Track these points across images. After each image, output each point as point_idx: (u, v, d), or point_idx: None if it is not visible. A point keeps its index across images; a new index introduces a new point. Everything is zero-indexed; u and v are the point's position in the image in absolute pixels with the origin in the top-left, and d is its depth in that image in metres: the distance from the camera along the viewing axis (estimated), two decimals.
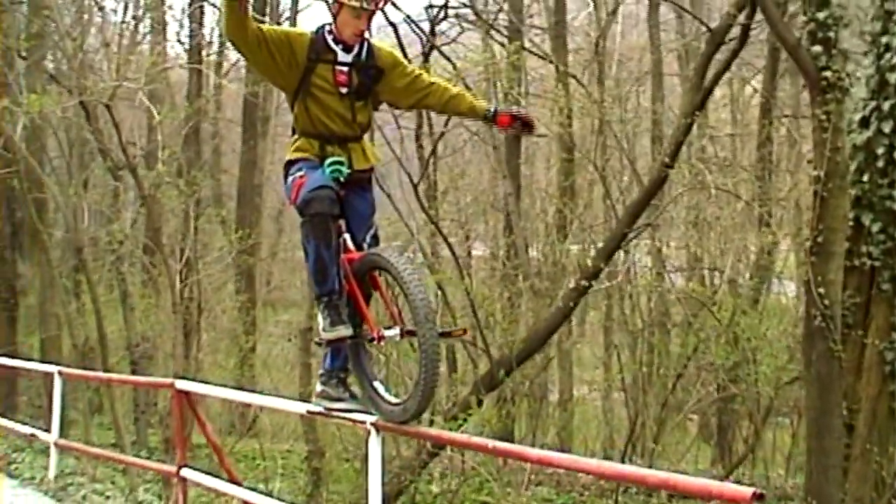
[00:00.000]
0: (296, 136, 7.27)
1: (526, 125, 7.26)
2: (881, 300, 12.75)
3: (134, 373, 21.47)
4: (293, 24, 27.79)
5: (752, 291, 21.75)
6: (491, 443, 6.90)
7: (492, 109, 7.24)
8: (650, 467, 20.56)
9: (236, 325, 25.11)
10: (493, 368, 16.76)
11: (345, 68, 7.08)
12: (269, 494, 9.83)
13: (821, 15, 12.87)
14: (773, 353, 18.96)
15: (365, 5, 6.91)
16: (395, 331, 7.01)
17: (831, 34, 12.84)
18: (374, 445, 7.49)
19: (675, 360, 21.04)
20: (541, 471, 19.45)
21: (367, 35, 7.18)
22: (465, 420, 15.57)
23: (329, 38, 7.07)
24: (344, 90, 7.09)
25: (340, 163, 6.94)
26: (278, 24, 24.34)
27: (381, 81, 7.20)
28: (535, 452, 6.67)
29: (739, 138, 28.08)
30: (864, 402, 12.83)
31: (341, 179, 6.94)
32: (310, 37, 7.06)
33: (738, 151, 27.41)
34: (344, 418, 7.78)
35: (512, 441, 22.11)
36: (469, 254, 27.59)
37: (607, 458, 21.27)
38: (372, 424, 7.41)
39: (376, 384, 7.20)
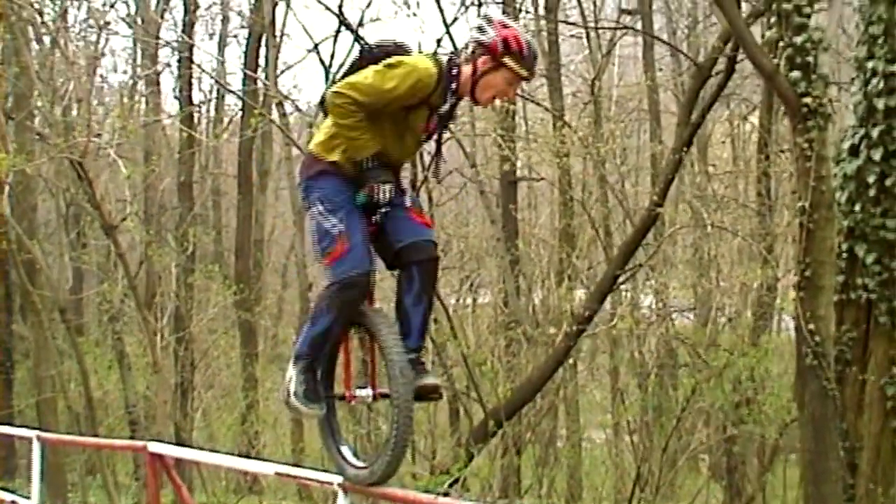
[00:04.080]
0: (335, 129, 6.35)
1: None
2: (879, 334, 12.43)
3: (133, 433, 21.34)
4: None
5: (752, 330, 21.44)
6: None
7: None
8: None
9: (238, 381, 24.98)
10: (486, 420, 16.47)
11: (436, 117, 6.38)
12: None
13: (798, 39, 12.49)
14: (775, 392, 18.69)
15: (528, 75, 6.29)
16: (368, 391, 6.64)
17: (810, 59, 12.48)
18: None
19: (675, 402, 20.77)
20: None
21: None
22: (449, 474, 15.22)
23: (451, 85, 6.27)
24: (424, 137, 6.48)
25: (388, 186, 6.27)
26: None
27: None
28: None
29: (741, 175, 27.90)
30: (866, 439, 12.49)
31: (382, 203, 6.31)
32: (435, 77, 6.17)
33: (740, 188, 27.26)
34: (312, 480, 7.55)
35: (519, 492, 21.86)
36: (474, 301, 27.52)
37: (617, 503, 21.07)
38: (339, 485, 7.13)
39: (343, 448, 6.83)
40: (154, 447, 9.75)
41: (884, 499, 12.25)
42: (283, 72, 30.69)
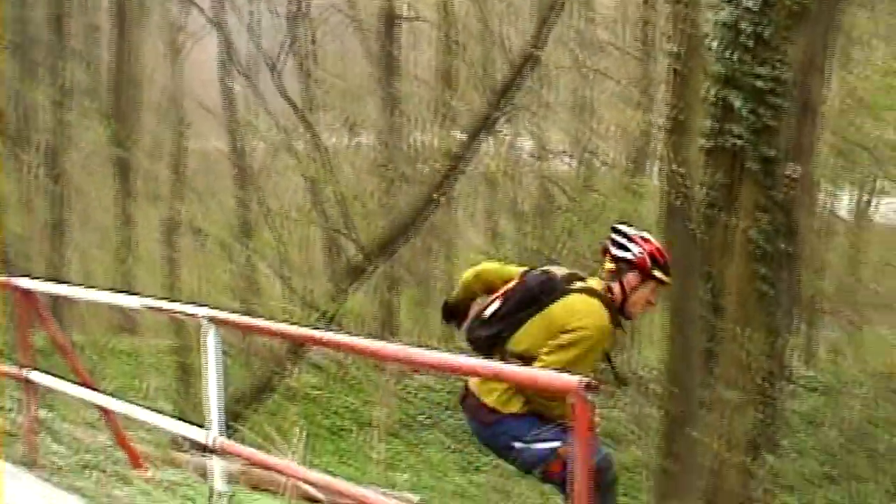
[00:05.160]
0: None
1: None
2: (748, 180, 12.56)
3: (10, 273, 21.02)
4: None
5: (628, 174, 21.67)
6: (321, 334, 6.64)
7: None
8: None
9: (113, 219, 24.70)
10: (358, 257, 16.49)
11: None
12: (110, 393, 9.45)
13: None
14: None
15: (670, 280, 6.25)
16: None
17: None
18: (211, 338, 7.16)
19: (549, 244, 21.01)
20: None
21: None
22: (321, 311, 15.29)
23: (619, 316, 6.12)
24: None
25: None
26: None
27: None
28: (363, 343, 6.39)
29: (622, 21, 27.87)
30: (731, 283, 12.73)
31: None
32: (610, 325, 5.98)
33: (621, 34, 27.25)
34: (179, 312, 7.51)
35: (393, 333, 22.13)
36: (356, 142, 27.42)
37: None
38: (205, 318, 7.12)
39: None
40: (22, 283, 9.54)
41: (748, 342, 12.55)
42: None
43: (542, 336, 5.90)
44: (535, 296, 5.95)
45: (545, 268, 6.19)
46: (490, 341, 5.99)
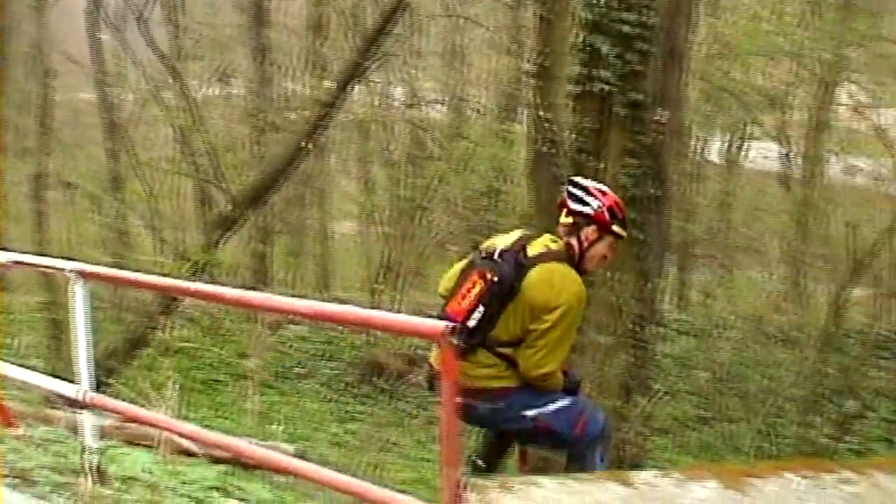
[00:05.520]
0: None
1: None
2: (615, 125, 12.64)
3: None
4: None
5: (498, 121, 21.74)
6: (189, 285, 6.58)
7: None
8: (401, 301, 20.78)
9: None
10: (228, 207, 16.35)
11: None
12: None
13: None
14: (518, 183, 19.02)
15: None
16: None
17: None
18: (79, 292, 7.06)
19: (421, 191, 21.03)
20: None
21: None
22: (196, 263, 15.15)
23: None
24: None
25: None
26: None
27: None
28: (232, 293, 6.34)
29: None
30: None
31: None
32: (584, 287, 6.01)
33: None
34: (46, 266, 7.41)
35: (267, 283, 22.01)
36: (227, 92, 27.15)
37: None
38: (72, 271, 7.02)
39: None
40: None
41: (619, 286, 12.68)
42: None
43: (525, 319, 5.86)
44: (511, 287, 5.84)
45: (492, 248, 6.01)
46: (478, 344, 5.85)
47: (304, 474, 5.75)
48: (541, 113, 12.17)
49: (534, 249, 5.96)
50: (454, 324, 4.65)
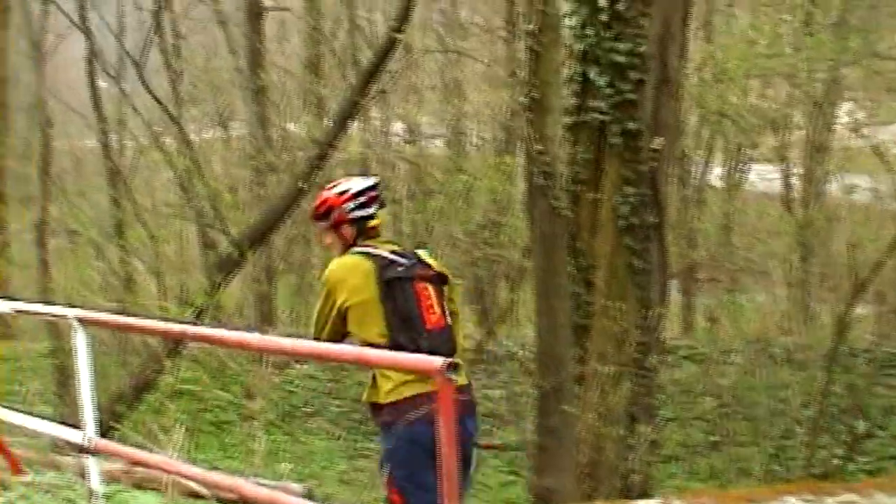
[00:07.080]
0: None
1: None
2: (611, 154, 12.72)
3: None
4: None
5: (497, 154, 21.80)
6: (188, 328, 6.63)
7: None
8: None
9: None
10: (229, 249, 16.40)
11: None
12: None
13: None
14: (517, 215, 19.06)
15: None
16: None
17: None
18: (81, 338, 7.14)
19: (421, 227, 21.08)
20: None
21: None
22: (193, 305, 15.18)
23: None
24: None
25: None
26: None
27: None
28: (231, 336, 6.37)
29: (488, 1, 28.03)
30: (601, 258, 12.87)
31: None
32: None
33: (487, 15, 27.39)
34: (48, 314, 7.47)
35: (271, 323, 22.05)
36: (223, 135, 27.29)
37: None
38: (75, 318, 7.10)
39: None
40: None
41: (619, 313, 12.70)
42: None
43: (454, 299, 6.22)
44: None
45: (397, 260, 6.06)
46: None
47: None
48: (535, 145, 12.19)
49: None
50: (450, 361, 4.67)
